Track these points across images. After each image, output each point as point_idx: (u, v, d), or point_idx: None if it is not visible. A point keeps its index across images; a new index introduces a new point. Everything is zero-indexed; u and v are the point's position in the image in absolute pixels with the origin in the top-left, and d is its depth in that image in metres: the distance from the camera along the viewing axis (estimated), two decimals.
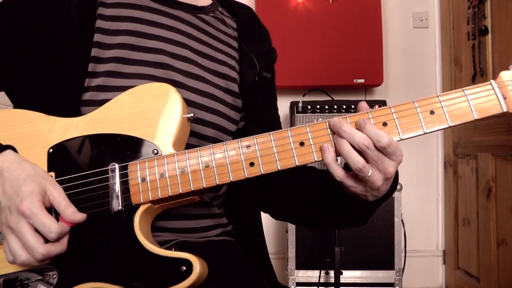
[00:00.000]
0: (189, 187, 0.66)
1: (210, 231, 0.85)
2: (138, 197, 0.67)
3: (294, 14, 2.48)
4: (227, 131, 0.86)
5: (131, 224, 0.66)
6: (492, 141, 2.05)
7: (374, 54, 2.47)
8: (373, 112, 0.65)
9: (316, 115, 2.21)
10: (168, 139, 0.69)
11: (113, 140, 0.70)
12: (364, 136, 0.62)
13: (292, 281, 2.08)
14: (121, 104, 0.72)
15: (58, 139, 0.71)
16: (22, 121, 0.73)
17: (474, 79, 2.22)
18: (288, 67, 2.40)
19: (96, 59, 0.77)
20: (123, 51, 0.78)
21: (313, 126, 0.66)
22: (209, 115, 0.83)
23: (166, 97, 0.70)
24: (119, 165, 0.68)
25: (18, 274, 0.67)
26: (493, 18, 2.06)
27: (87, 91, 0.75)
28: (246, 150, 0.66)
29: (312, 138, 0.65)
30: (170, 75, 0.80)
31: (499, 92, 0.63)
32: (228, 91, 0.88)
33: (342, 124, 0.63)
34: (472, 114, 0.63)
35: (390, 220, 2.07)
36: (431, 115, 0.63)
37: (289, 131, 0.66)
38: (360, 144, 0.62)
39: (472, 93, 0.64)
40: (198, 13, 0.90)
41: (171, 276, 0.63)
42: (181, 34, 0.84)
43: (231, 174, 0.66)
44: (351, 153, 0.62)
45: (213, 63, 0.87)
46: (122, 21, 0.80)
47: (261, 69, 0.92)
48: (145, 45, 0.80)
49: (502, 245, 1.98)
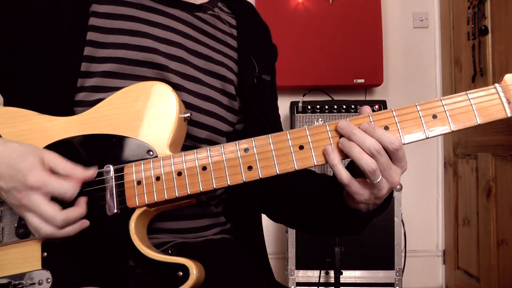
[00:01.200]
0: (185, 191, 0.65)
1: (208, 230, 0.84)
2: (134, 200, 0.65)
3: (294, 14, 2.48)
4: (221, 133, 0.85)
5: (127, 228, 0.64)
6: (492, 141, 2.05)
7: (374, 54, 2.47)
8: (375, 115, 0.63)
9: (316, 115, 2.21)
10: (164, 140, 0.67)
11: (108, 140, 0.68)
12: (374, 140, 0.60)
13: (292, 281, 2.08)
14: (116, 103, 0.70)
15: (52, 139, 0.69)
16: (16, 119, 0.71)
17: (474, 79, 2.22)
18: (288, 67, 2.40)
19: (90, 58, 0.75)
20: (118, 51, 0.76)
21: (313, 129, 0.64)
22: (204, 117, 0.81)
23: (162, 97, 0.68)
24: (114, 167, 0.66)
25: (10, 278, 0.66)
26: (493, 18, 2.06)
27: (80, 92, 0.74)
28: (244, 153, 0.64)
29: (312, 141, 0.63)
30: (165, 76, 0.78)
31: (504, 96, 0.61)
32: (224, 92, 0.86)
33: (353, 127, 0.61)
34: (476, 119, 0.61)
35: (390, 220, 2.07)
36: (434, 119, 0.61)
37: (288, 134, 0.64)
38: (372, 148, 0.60)
39: (476, 97, 0.61)
40: (195, 11, 0.87)
41: (168, 282, 0.62)
42: (177, 34, 0.82)
43: (229, 178, 0.64)
44: (362, 154, 0.60)
45: (210, 63, 0.85)
46: (117, 19, 0.78)
47: (260, 71, 0.90)
48: (140, 44, 0.78)
49: (502, 245, 1.98)
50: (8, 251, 0.67)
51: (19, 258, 0.67)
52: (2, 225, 0.68)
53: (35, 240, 0.66)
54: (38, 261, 0.66)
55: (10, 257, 0.67)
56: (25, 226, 0.66)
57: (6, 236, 0.67)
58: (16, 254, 0.67)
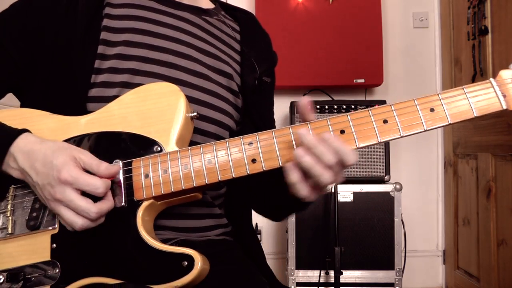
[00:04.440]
0: (191, 183, 0.67)
1: (211, 231, 0.86)
2: (141, 193, 0.68)
3: (294, 14, 2.48)
4: (228, 128, 0.88)
5: (134, 219, 0.67)
6: (492, 141, 2.05)
7: (374, 54, 2.47)
8: (374, 110, 0.65)
9: (316, 115, 2.21)
10: (172, 137, 0.70)
11: (117, 137, 0.71)
12: (333, 156, 0.62)
13: (292, 281, 2.08)
14: (126, 103, 0.73)
15: (64, 137, 0.72)
16: (30, 119, 0.74)
17: (474, 79, 2.22)
18: (288, 67, 2.40)
19: (102, 56, 0.78)
20: (127, 48, 0.80)
21: (314, 123, 0.66)
22: (211, 111, 0.84)
23: (170, 96, 0.72)
24: (122, 161, 0.69)
25: (22, 269, 0.68)
26: (493, 18, 2.06)
27: (93, 87, 0.77)
28: (248, 147, 0.67)
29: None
30: (175, 74, 0.81)
31: (499, 90, 0.64)
32: (230, 89, 0.90)
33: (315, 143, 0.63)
34: (472, 111, 0.64)
35: (390, 220, 2.07)
36: (431, 113, 0.64)
37: (290, 129, 0.67)
38: (330, 164, 0.62)
39: (472, 91, 0.64)
40: (203, 15, 0.92)
41: (173, 271, 0.64)
42: (186, 34, 0.86)
43: (233, 170, 0.67)
44: (324, 170, 0.63)
45: (217, 61, 0.89)
46: (128, 20, 0.82)
47: (261, 73, 0.93)
48: (150, 43, 0.81)
49: (502, 245, 1.98)
50: (19, 242, 0.70)
51: (29, 249, 0.70)
52: (14, 218, 0.71)
53: (45, 232, 0.69)
54: (47, 252, 0.68)
55: (20, 248, 0.70)
56: (35, 218, 0.69)
57: (18, 229, 0.70)
58: (27, 246, 0.70)
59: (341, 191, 2.08)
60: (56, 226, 0.69)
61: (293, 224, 2.09)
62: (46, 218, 0.70)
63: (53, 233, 0.69)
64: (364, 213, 2.08)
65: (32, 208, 0.71)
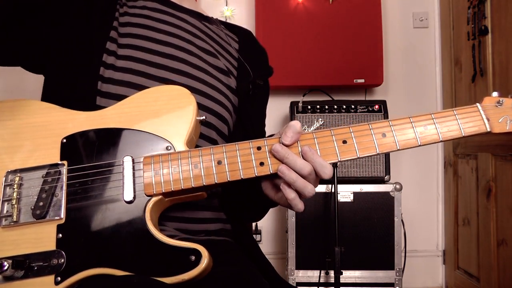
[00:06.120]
0: (201, 181, 0.69)
1: (209, 223, 0.86)
2: (151, 188, 0.69)
3: (294, 14, 2.48)
4: (227, 123, 0.91)
5: (143, 214, 0.68)
6: (492, 141, 2.05)
7: (374, 54, 2.47)
8: (373, 124, 0.71)
9: (316, 115, 2.21)
10: (182, 137, 0.73)
11: (127, 134, 0.73)
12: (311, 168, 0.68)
13: (292, 281, 2.08)
14: (137, 102, 0.75)
15: (72, 130, 0.74)
16: (38, 111, 0.76)
17: (474, 79, 2.22)
18: (288, 67, 2.40)
19: (110, 52, 0.82)
20: (134, 39, 0.84)
21: (318, 133, 0.71)
22: (212, 103, 0.87)
23: (181, 99, 0.75)
24: (133, 158, 0.71)
25: (26, 257, 0.68)
26: (493, 18, 2.07)
27: (103, 80, 0.79)
28: (257, 151, 0.71)
29: (319, 143, 0.70)
30: (175, 65, 0.85)
31: (484, 114, 0.72)
32: (229, 87, 0.92)
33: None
34: (461, 131, 0.71)
35: (390, 220, 2.07)
36: (425, 130, 0.71)
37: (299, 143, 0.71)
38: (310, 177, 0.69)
39: (461, 113, 0.72)
40: (203, 20, 0.97)
41: (181, 265, 0.65)
42: (186, 32, 0.90)
43: (242, 172, 0.70)
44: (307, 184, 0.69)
45: (216, 59, 0.93)
46: (132, 16, 0.87)
47: (255, 78, 0.96)
48: (153, 37, 0.85)
49: (502, 245, 1.98)
50: (24, 231, 0.70)
51: (34, 238, 0.69)
52: (19, 206, 0.71)
53: (51, 221, 0.69)
54: (53, 242, 0.68)
55: (26, 237, 0.70)
56: (42, 208, 0.70)
57: (23, 217, 0.70)
58: (32, 234, 0.70)
59: (341, 191, 2.08)
60: (62, 216, 0.69)
61: (293, 224, 2.09)
62: (53, 208, 0.70)
63: (59, 223, 0.69)
64: (364, 213, 2.08)
65: (39, 197, 0.71)
